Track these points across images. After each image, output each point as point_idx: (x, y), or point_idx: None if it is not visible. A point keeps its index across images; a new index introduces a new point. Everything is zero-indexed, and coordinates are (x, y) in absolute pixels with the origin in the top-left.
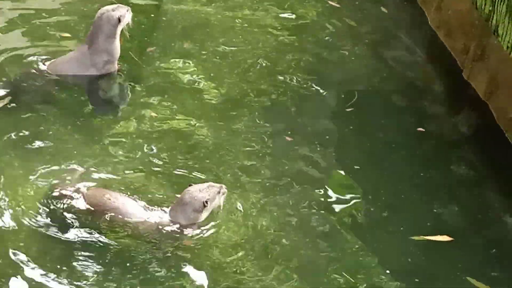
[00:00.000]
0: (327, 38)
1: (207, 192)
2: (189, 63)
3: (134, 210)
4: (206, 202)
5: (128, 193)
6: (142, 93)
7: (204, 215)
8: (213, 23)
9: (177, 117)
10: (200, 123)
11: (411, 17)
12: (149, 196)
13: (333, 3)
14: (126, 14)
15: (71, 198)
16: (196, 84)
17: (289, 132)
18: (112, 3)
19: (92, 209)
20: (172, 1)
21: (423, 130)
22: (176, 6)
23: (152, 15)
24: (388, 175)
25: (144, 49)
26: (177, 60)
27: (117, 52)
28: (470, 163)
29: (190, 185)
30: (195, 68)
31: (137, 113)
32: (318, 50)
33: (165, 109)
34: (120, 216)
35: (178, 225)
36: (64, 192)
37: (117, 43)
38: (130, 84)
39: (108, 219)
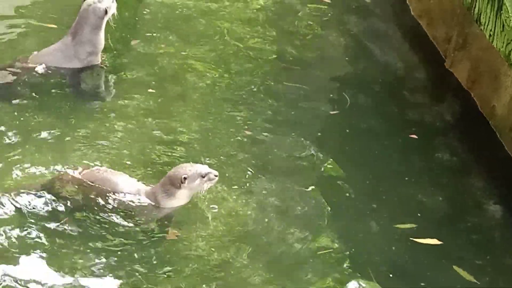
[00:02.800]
0: (310, 29)
1: (190, 171)
2: (173, 55)
3: (122, 182)
4: (184, 178)
5: None
6: (126, 86)
7: (182, 194)
8: (195, 15)
9: (161, 108)
10: (184, 114)
11: (393, 7)
12: None
13: None
14: (112, 5)
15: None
16: (180, 75)
17: (270, 125)
18: None
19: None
20: None
21: (406, 118)
22: None
23: (135, 8)
24: (372, 164)
25: (128, 42)
26: (161, 52)
27: (101, 44)
28: (454, 151)
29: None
30: (179, 60)
31: (120, 105)
32: (301, 41)
33: (149, 100)
34: (108, 188)
35: (155, 202)
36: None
37: (102, 35)
38: (113, 77)
39: (97, 192)
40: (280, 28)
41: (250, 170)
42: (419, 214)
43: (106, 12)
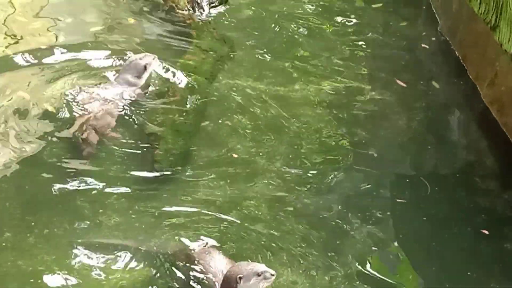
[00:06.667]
0: (377, 113)
1: (246, 270)
2: (243, 139)
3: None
4: (240, 278)
5: None
6: (195, 166)
7: None
8: (264, 99)
9: (230, 190)
10: (254, 198)
11: (463, 92)
12: None
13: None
14: (152, 62)
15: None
16: (251, 158)
17: (340, 209)
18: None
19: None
20: (225, 76)
21: (476, 205)
22: (229, 81)
23: (205, 91)
24: (442, 251)
25: (198, 124)
26: (231, 135)
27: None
28: None
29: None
30: (249, 143)
31: (191, 185)
32: (370, 125)
33: (219, 181)
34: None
35: None
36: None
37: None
38: (184, 157)
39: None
40: (349, 112)
41: (320, 256)
42: None
43: (145, 68)
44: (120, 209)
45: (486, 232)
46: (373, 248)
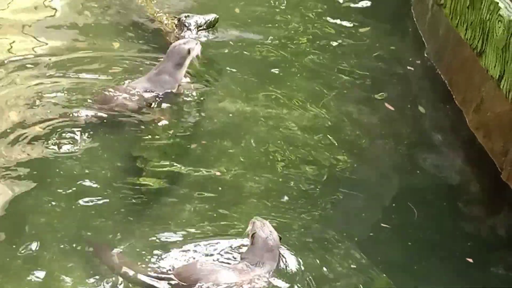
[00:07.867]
0: (363, 137)
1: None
2: (231, 161)
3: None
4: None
5: None
6: (180, 188)
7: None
8: (251, 121)
9: (217, 212)
10: (240, 221)
11: (449, 117)
12: None
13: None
14: (195, 47)
15: None
16: (238, 181)
17: (325, 235)
18: None
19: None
20: (212, 99)
21: (461, 231)
22: (216, 104)
23: (194, 113)
24: (427, 276)
25: (187, 146)
26: (218, 157)
27: (180, 78)
28: (510, 266)
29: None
30: (237, 166)
31: (177, 209)
32: (356, 149)
33: (204, 204)
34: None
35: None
36: None
37: (183, 72)
38: (172, 179)
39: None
40: (336, 137)
41: (303, 281)
42: None
43: (189, 52)
44: (106, 231)
45: (470, 260)
46: (358, 272)
